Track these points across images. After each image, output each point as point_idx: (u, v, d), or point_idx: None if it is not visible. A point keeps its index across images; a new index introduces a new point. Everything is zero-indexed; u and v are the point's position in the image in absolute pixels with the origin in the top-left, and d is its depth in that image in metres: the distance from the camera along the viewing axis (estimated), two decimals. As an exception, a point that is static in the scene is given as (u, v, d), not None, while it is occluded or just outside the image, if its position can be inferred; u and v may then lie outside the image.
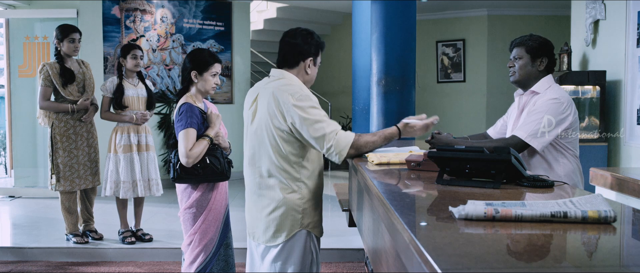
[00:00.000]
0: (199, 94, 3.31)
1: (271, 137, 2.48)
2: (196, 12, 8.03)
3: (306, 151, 2.54)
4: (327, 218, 5.89)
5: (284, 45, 2.61)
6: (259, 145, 2.53)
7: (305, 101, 2.43)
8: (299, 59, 2.59)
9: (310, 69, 2.62)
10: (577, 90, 5.81)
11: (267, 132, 2.49)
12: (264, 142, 2.51)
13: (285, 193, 2.49)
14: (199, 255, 3.24)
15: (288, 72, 2.59)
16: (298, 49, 2.58)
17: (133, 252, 4.78)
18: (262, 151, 2.52)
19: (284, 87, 2.49)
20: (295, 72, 2.60)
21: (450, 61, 9.75)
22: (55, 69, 4.75)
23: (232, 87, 8.38)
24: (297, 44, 2.58)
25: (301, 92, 2.46)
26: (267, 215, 2.53)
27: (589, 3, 5.75)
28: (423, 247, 1.21)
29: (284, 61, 2.60)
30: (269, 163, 2.50)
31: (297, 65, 2.60)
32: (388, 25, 5.34)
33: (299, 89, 2.49)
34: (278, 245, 2.51)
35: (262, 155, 2.52)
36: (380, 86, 5.43)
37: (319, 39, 2.65)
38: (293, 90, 2.46)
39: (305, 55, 2.59)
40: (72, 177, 4.84)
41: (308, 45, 2.59)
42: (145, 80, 4.99)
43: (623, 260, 1.25)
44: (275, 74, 2.60)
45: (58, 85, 4.73)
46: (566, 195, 1.88)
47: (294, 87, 2.50)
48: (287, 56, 2.59)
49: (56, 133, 4.81)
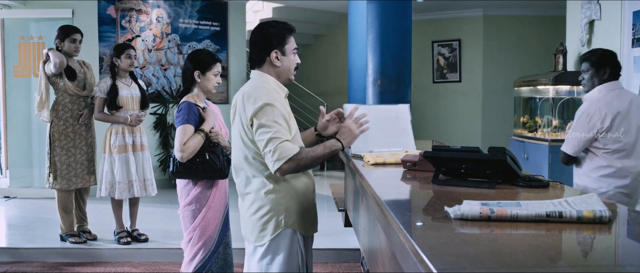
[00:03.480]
0: (201, 93, 3.37)
1: (246, 139, 2.46)
2: (192, 12, 8.02)
3: None
4: (323, 219, 5.88)
5: (250, 46, 2.57)
6: (239, 148, 2.52)
7: (261, 106, 2.38)
8: (263, 55, 2.51)
9: (278, 61, 2.50)
10: (572, 91, 5.83)
11: (241, 135, 2.48)
12: (241, 145, 2.50)
13: (266, 193, 2.47)
14: (199, 251, 3.25)
15: (259, 71, 2.53)
16: (259, 46, 2.51)
17: (129, 252, 4.77)
18: (242, 154, 2.51)
19: (249, 91, 2.45)
20: (266, 69, 2.52)
21: (446, 61, 9.76)
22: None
23: (228, 87, 8.37)
24: (258, 41, 2.51)
25: (261, 98, 2.39)
26: (251, 215, 2.52)
27: (584, 3, 5.76)
28: (419, 247, 1.21)
29: (252, 61, 2.55)
30: (249, 165, 2.49)
31: (264, 61, 2.51)
32: (384, 25, 5.35)
33: (263, 93, 2.42)
34: (263, 244, 2.50)
35: (243, 157, 2.51)
36: (376, 86, 5.43)
37: (280, 26, 2.53)
38: (256, 95, 2.40)
39: (268, 48, 2.50)
40: (70, 176, 4.84)
41: (266, 38, 2.50)
42: (138, 80, 4.98)
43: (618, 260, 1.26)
44: (251, 77, 2.57)
45: (62, 78, 4.77)
46: (561, 195, 1.88)
47: (258, 90, 2.43)
48: (252, 55, 2.55)
49: (55, 131, 4.81)
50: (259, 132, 2.36)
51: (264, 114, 2.36)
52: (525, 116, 6.59)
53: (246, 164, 2.50)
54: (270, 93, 2.44)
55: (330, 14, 10.25)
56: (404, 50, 5.45)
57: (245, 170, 2.52)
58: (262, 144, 2.35)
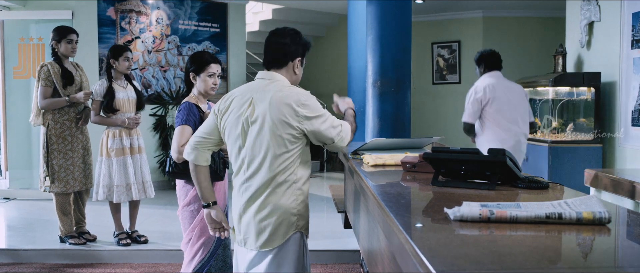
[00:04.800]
0: (200, 95, 3.36)
1: (276, 143, 2.41)
2: (192, 14, 8.02)
3: (304, 156, 2.49)
4: (323, 220, 5.89)
5: (272, 45, 2.55)
6: (258, 150, 2.44)
7: (310, 101, 2.45)
8: (288, 59, 2.54)
9: (298, 69, 2.58)
10: (572, 92, 5.83)
11: (272, 137, 2.41)
12: (263, 147, 2.43)
13: (281, 197, 2.44)
14: (198, 251, 3.25)
15: (277, 73, 2.53)
16: (287, 49, 2.53)
17: (128, 254, 4.77)
18: (259, 156, 2.44)
19: (286, 92, 2.44)
20: (284, 73, 2.54)
21: (445, 63, 9.76)
22: (56, 69, 4.75)
23: (227, 88, 8.37)
24: (286, 44, 2.53)
25: (309, 99, 2.46)
26: (261, 220, 2.45)
27: (583, 4, 5.77)
28: (418, 249, 1.21)
29: (273, 61, 2.54)
30: (266, 168, 2.43)
31: (286, 65, 2.54)
32: (383, 26, 5.34)
33: (302, 93, 2.47)
34: (273, 249, 2.45)
35: (259, 160, 2.45)
36: (376, 88, 5.43)
37: (305, 39, 2.62)
38: (296, 97, 2.43)
39: (294, 55, 2.54)
40: (67, 179, 4.82)
41: (296, 45, 2.55)
42: (132, 82, 4.97)
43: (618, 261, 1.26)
44: (265, 76, 2.54)
45: (59, 86, 4.72)
46: (561, 196, 1.88)
47: (299, 92, 2.47)
48: (276, 56, 2.53)
49: (52, 134, 4.79)
50: (319, 122, 2.45)
51: (316, 107, 2.48)
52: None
53: (265, 166, 2.43)
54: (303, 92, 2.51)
55: (330, 15, 10.25)
56: (404, 52, 5.45)
57: (262, 173, 2.45)
58: (328, 132, 2.46)
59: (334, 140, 2.47)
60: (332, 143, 2.49)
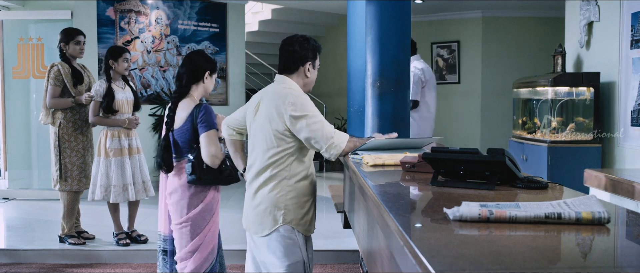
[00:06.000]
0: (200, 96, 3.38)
1: (268, 138, 2.67)
2: (191, 14, 8.02)
3: (300, 155, 2.71)
4: (322, 220, 5.88)
5: (284, 53, 2.82)
6: (256, 145, 2.73)
7: (303, 105, 2.65)
8: (298, 64, 2.80)
9: (309, 73, 2.83)
10: (571, 92, 5.83)
11: (264, 133, 2.68)
12: (259, 142, 2.71)
13: (269, 190, 2.67)
14: (208, 255, 3.22)
15: (289, 78, 2.80)
16: (296, 55, 2.79)
17: (127, 254, 4.77)
18: (257, 151, 2.72)
19: (283, 91, 2.70)
20: (296, 77, 2.81)
21: (445, 63, 9.77)
22: (67, 69, 4.78)
23: (226, 88, 8.37)
24: (295, 51, 2.79)
25: (299, 99, 2.67)
26: (254, 208, 2.72)
27: (583, 4, 5.77)
28: (417, 249, 1.21)
29: (285, 67, 2.81)
30: (260, 162, 2.70)
31: (297, 70, 2.81)
32: (383, 26, 5.34)
33: (297, 94, 2.70)
34: (262, 237, 2.70)
35: (257, 154, 2.72)
36: (375, 88, 5.43)
37: (315, 43, 2.87)
38: (292, 98, 2.65)
39: (304, 60, 2.80)
40: (80, 177, 4.87)
41: (305, 51, 2.80)
42: (129, 82, 4.98)
43: (617, 262, 1.26)
44: (277, 80, 2.82)
45: (69, 85, 4.76)
46: (560, 196, 1.88)
47: (293, 91, 2.70)
48: (287, 63, 2.81)
49: (64, 133, 4.82)
50: (310, 129, 2.62)
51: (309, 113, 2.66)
52: (524, 117, 6.59)
53: (260, 160, 2.71)
54: (302, 96, 2.74)
55: (329, 15, 10.25)
56: (403, 52, 5.44)
57: (257, 165, 2.73)
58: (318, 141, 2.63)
59: (322, 147, 2.61)
60: (322, 151, 2.64)
